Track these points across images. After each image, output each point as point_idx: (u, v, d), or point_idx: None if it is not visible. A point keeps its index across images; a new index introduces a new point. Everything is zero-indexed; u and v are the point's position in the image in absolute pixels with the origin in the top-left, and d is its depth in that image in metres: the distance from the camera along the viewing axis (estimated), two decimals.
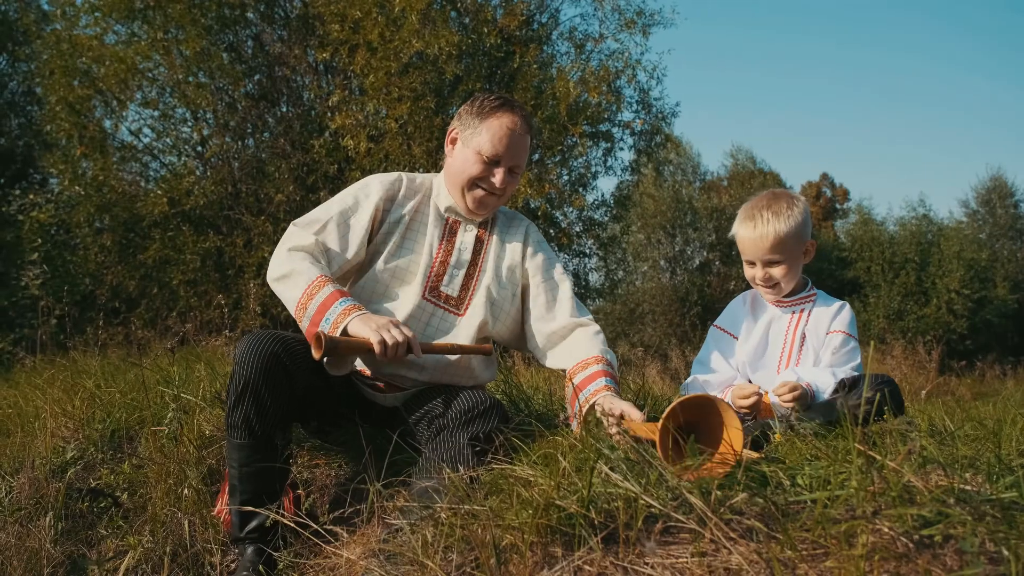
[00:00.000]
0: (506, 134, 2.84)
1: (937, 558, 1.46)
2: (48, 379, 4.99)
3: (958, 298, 23.59)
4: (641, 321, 25.62)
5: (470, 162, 2.86)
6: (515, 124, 2.86)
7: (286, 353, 2.54)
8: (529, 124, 2.93)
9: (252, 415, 2.52)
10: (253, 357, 2.48)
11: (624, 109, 15.20)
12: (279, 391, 2.54)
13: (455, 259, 2.93)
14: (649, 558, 1.61)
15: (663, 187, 27.20)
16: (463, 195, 2.91)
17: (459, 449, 2.47)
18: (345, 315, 2.53)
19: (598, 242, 16.39)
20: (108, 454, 3.53)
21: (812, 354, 2.94)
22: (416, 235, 2.92)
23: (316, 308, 2.58)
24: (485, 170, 2.85)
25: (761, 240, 2.88)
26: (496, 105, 2.88)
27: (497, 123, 2.85)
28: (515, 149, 2.88)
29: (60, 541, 3.03)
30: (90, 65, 13.10)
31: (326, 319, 2.55)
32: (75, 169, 13.17)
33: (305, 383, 2.61)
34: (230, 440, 2.59)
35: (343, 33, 12.37)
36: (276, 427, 2.60)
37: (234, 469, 2.60)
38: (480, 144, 2.84)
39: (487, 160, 2.84)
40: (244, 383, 2.49)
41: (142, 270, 13.01)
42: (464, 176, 2.87)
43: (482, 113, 2.88)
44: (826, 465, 1.86)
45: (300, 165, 13.16)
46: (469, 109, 2.93)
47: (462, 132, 2.92)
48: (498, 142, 2.83)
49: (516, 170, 2.91)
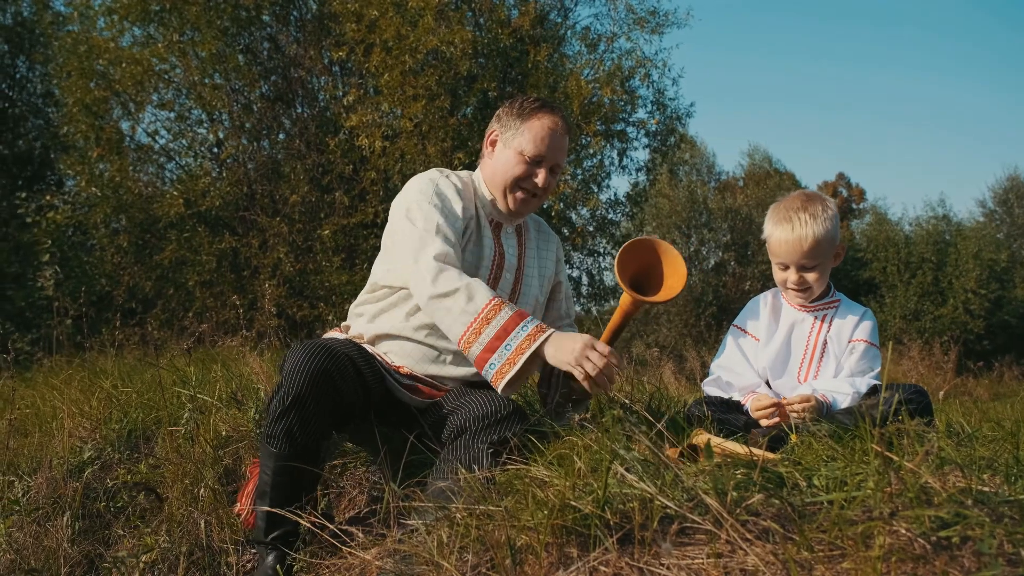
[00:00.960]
0: (548, 134, 2.90)
1: (955, 560, 1.45)
2: (65, 379, 5.02)
3: (975, 298, 23.43)
4: (656, 321, 25.55)
5: (512, 163, 2.91)
6: (556, 124, 2.92)
7: (336, 369, 2.52)
8: (568, 124, 3.00)
9: (296, 428, 2.51)
10: (304, 372, 2.46)
11: (639, 108, 15.19)
12: (325, 407, 2.53)
13: (506, 263, 2.98)
14: (665, 559, 1.60)
15: (678, 187, 27.14)
16: (505, 196, 2.96)
17: (477, 453, 2.47)
18: (531, 341, 2.50)
19: (612, 241, 16.35)
20: (125, 454, 3.55)
21: (833, 361, 2.90)
22: (478, 235, 2.95)
23: (494, 334, 2.53)
24: (528, 170, 2.91)
25: (799, 243, 2.81)
26: (537, 106, 2.94)
27: (539, 123, 2.90)
28: (556, 148, 2.93)
29: (77, 540, 3.05)
30: (107, 67, 13.16)
31: (506, 345, 2.51)
32: (92, 170, 13.23)
33: (350, 397, 2.60)
34: (266, 448, 2.56)
35: (359, 33, 12.40)
36: (318, 440, 2.59)
37: (266, 476, 2.58)
38: (522, 144, 2.89)
39: (529, 160, 2.90)
40: (294, 397, 2.47)
41: (158, 271, 13.04)
42: (508, 177, 2.92)
43: (523, 114, 2.93)
44: (843, 466, 1.86)
45: (315, 166, 13.19)
46: (509, 111, 2.98)
47: (503, 134, 2.97)
48: (540, 142, 2.89)
49: (556, 169, 2.97)
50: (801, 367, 2.93)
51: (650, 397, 3.48)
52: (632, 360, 8.69)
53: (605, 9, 16.83)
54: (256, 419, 3.44)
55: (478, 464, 2.41)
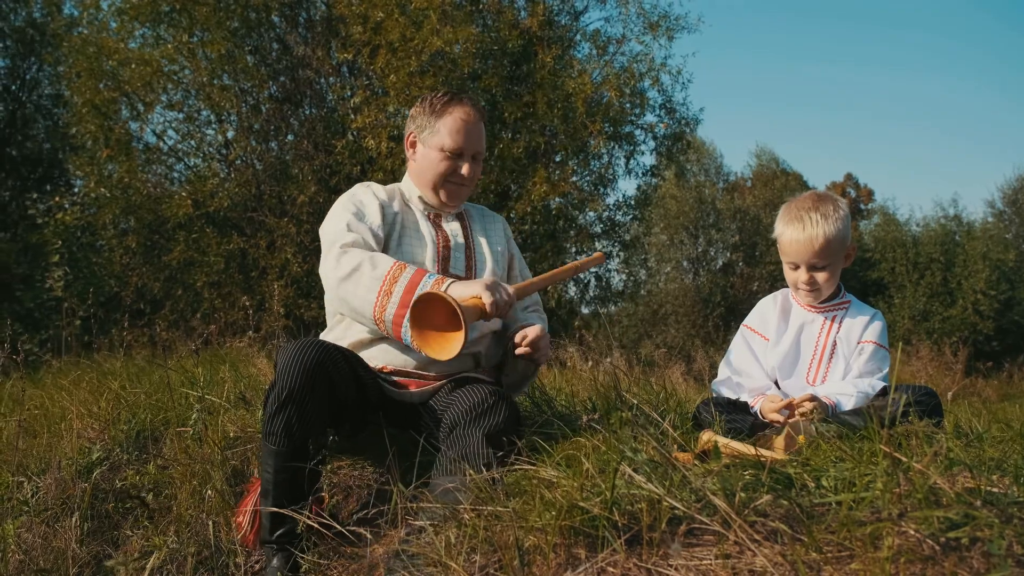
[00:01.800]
0: (462, 126, 2.98)
1: (964, 561, 1.44)
2: (74, 380, 5.03)
3: (984, 299, 23.38)
4: (664, 322, 25.55)
5: (435, 160, 3.00)
6: (469, 115, 3.00)
7: (330, 361, 2.55)
8: (480, 111, 3.07)
9: (294, 423, 2.52)
10: (298, 366, 2.48)
11: (647, 112, 15.18)
12: (321, 400, 2.54)
13: (453, 243, 3.05)
14: (673, 560, 1.60)
15: (686, 188, 27.12)
16: (436, 192, 3.05)
17: (473, 442, 2.49)
18: (438, 285, 2.60)
19: (620, 243, 16.34)
20: (133, 455, 3.55)
21: (843, 362, 2.90)
22: (412, 229, 3.02)
23: (404, 288, 2.63)
24: (451, 165, 2.99)
25: (810, 243, 2.81)
26: (447, 100, 3.02)
27: (451, 117, 2.98)
28: (473, 138, 3.02)
29: (86, 541, 3.06)
30: (116, 68, 13.19)
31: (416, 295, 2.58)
32: (101, 171, 13.26)
33: (345, 391, 2.62)
34: (266, 446, 2.58)
35: (365, 34, 12.42)
36: (317, 435, 2.61)
37: (268, 474, 2.59)
38: (441, 141, 2.98)
39: (451, 154, 2.98)
40: (288, 392, 2.48)
41: (166, 272, 13.08)
42: (433, 174, 3.01)
43: (435, 111, 3.00)
44: (851, 467, 1.85)
45: (323, 167, 13.20)
46: (421, 110, 3.06)
47: (420, 134, 3.05)
48: (457, 135, 2.97)
49: (478, 157, 3.06)
50: (810, 368, 2.93)
51: (658, 398, 3.48)
52: (640, 361, 8.68)
53: (616, 12, 16.82)
54: (263, 420, 3.45)
55: (475, 454, 2.44)
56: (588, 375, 4.91)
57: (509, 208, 12.73)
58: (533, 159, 13.11)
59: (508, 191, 13.35)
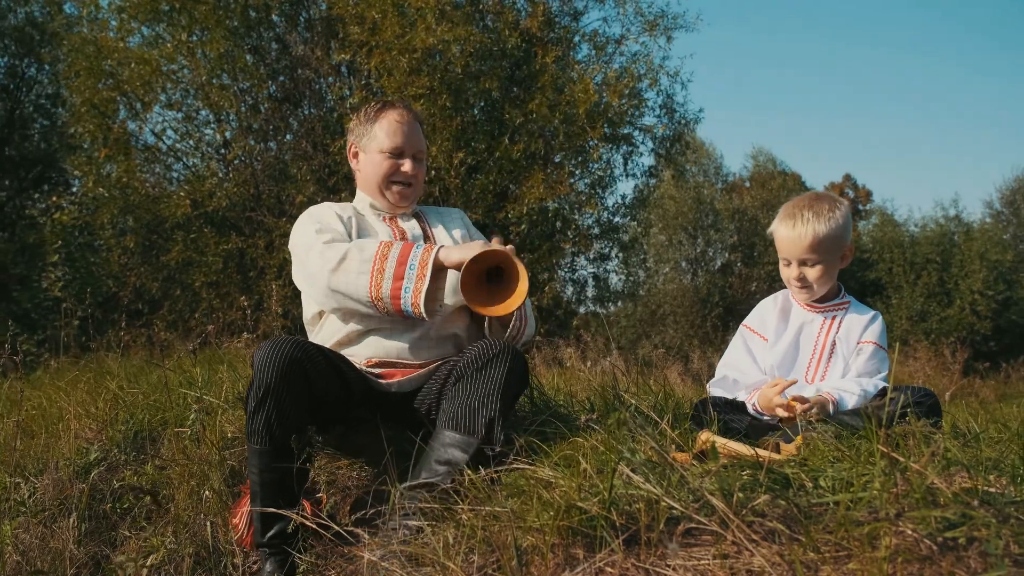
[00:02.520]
0: (397, 127, 3.08)
1: (961, 560, 1.45)
2: (71, 380, 5.03)
3: (981, 299, 23.38)
4: (663, 322, 25.54)
5: (377, 163, 3.09)
6: (402, 116, 3.11)
7: (305, 357, 2.56)
8: (414, 113, 3.18)
9: (273, 421, 2.53)
10: (272, 363, 2.49)
11: (646, 113, 15.17)
12: (299, 396, 2.55)
13: (410, 236, 3.11)
14: (671, 560, 1.60)
15: (685, 188, 27.11)
16: (383, 194, 3.14)
17: (481, 393, 2.57)
18: (428, 252, 2.70)
19: (619, 244, 16.33)
20: (131, 455, 3.55)
21: (842, 362, 2.91)
22: (368, 231, 3.10)
23: (396, 260, 2.71)
24: (392, 164, 3.09)
25: (799, 239, 2.84)
26: (379, 107, 3.15)
27: (386, 120, 3.09)
28: (411, 137, 3.11)
29: (84, 542, 3.05)
30: (115, 67, 13.18)
31: (410, 265, 2.69)
32: (99, 171, 13.25)
33: (324, 386, 2.64)
34: (250, 447, 2.59)
35: (362, 34, 12.41)
36: (296, 432, 2.61)
37: (255, 475, 2.60)
38: (380, 144, 3.08)
39: (390, 154, 3.07)
40: (265, 389, 2.50)
41: (165, 272, 13.08)
42: (378, 176, 3.10)
43: (369, 118, 3.12)
44: (849, 467, 1.85)
45: (322, 166, 13.20)
46: (357, 120, 3.18)
47: (359, 142, 3.16)
48: (394, 135, 3.07)
49: (420, 156, 3.15)
50: (809, 367, 2.93)
51: (656, 398, 3.48)
52: (638, 361, 8.69)
53: (614, 12, 16.80)
54: None
55: (482, 403, 2.55)
56: (586, 375, 4.91)
57: (506, 209, 12.73)
58: (532, 161, 13.10)
59: (507, 192, 13.34)
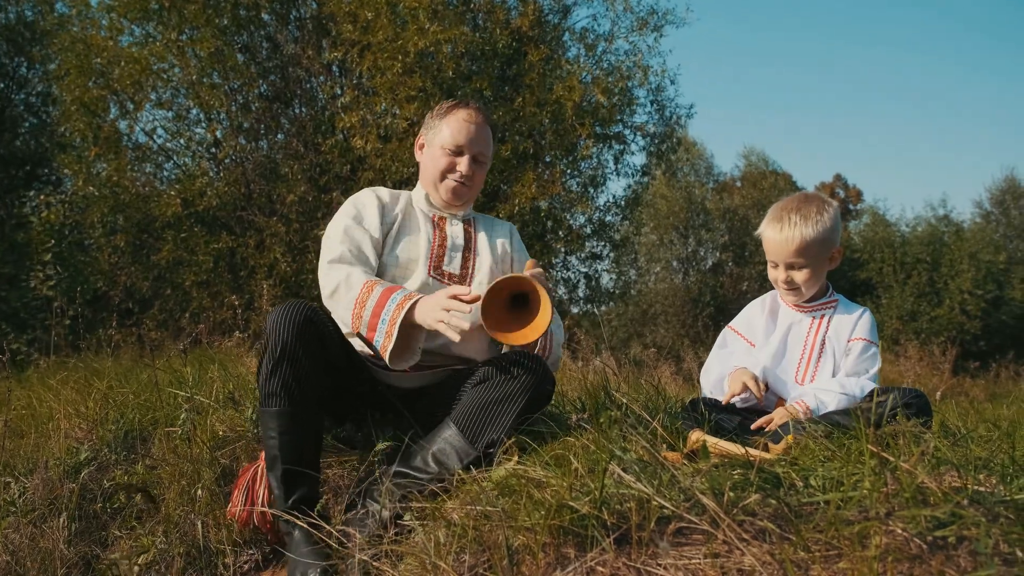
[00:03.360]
0: (464, 126, 3.11)
1: (951, 559, 1.45)
2: (61, 380, 5.01)
3: (971, 299, 23.47)
4: (654, 322, 25.59)
5: (437, 157, 3.13)
6: (471, 116, 3.13)
7: (318, 320, 2.61)
8: (486, 116, 3.20)
9: (291, 380, 2.55)
10: (288, 322, 2.52)
11: (637, 111, 15.17)
12: (315, 356, 2.58)
13: (451, 244, 3.14)
14: (662, 559, 1.60)
15: (676, 188, 27.15)
16: (437, 189, 3.15)
17: (512, 393, 2.64)
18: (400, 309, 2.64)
19: (611, 244, 16.34)
20: (122, 455, 3.54)
21: (831, 361, 2.92)
22: (411, 228, 3.13)
23: (371, 312, 2.70)
24: (451, 161, 3.11)
25: (786, 243, 2.84)
26: (452, 104, 3.19)
27: (455, 118, 3.13)
28: (475, 138, 3.13)
29: (74, 542, 3.05)
30: (105, 66, 13.13)
31: (382, 319, 2.66)
32: (89, 170, 13.21)
33: (336, 352, 2.68)
34: (267, 410, 2.58)
35: (355, 33, 12.40)
36: (314, 393, 2.63)
37: (273, 439, 2.59)
38: (443, 140, 3.12)
39: (451, 151, 3.10)
40: (282, 348, 2.51)
41: (155, 271, 13.04)
42: (435, 171, 3.13)
43: (441, 114, 3.17)
44: (839, 466, 1.86)
45: (313, 166, 13.17)
46: (431, 116, 3.22)
47: (427, 135, 3.21)
48: (458, 133, 3.10)
49: (481, 159, 3.17)
50: (799, 367, 2.94)
51: (647, 397, 3.49)
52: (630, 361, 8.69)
53: (603, 8, 16.81)
54: (253, 419, 3.44)
55: (506, 410, 2.62)
56: (578, 374, 4.92)
57: (498, 209, 12.73)
58: (522, 160, 13.10)
59: (498, 192, 13.34)
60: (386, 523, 2.44)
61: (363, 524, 2.53)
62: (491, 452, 2.55)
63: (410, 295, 2.67)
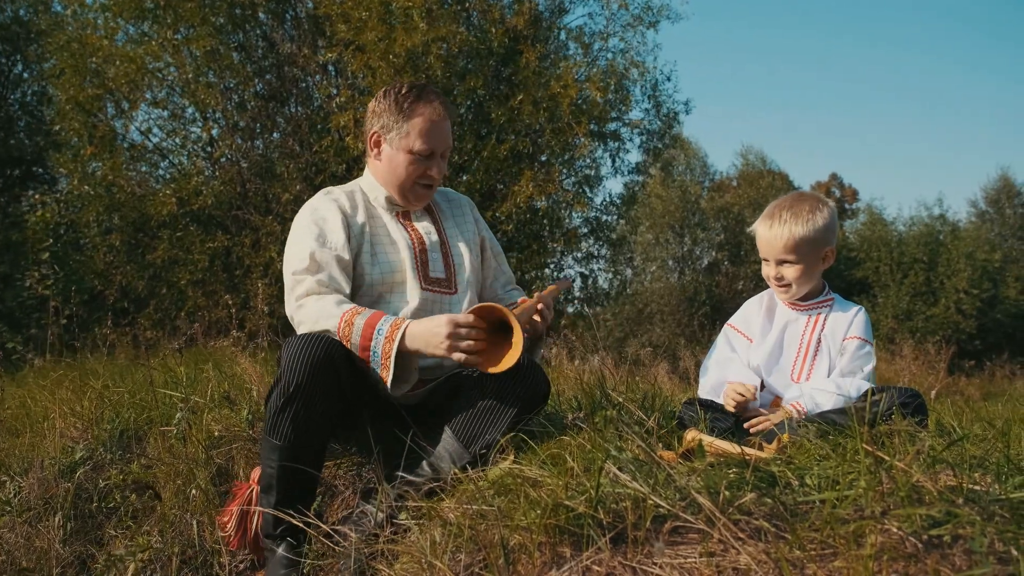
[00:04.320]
0: (432, 127, 2.83)
1: (946, 558, 1.45)
2: (56, 379, 5.00)
3: (967, 298, 23.50)
4: (650, 321, 25.59)
5: (404, 163, 2.86)
6: (438, 113, 2.85)
7: (338, 354, 2.50)
8: (448, 107, 2.91)
9: (302, 419, 2.47)
10: (303, 360, 2.43)
11: (633, 107, 15.18)
12: (329, 394, 2.49)
13: (428, 243, 2.94)
14: (658, 558, 1.60)
15: (672, 187, 27.16)
16: (404, 194, 2.92)
17: (510, 399, 2.61)
18: (391, 342, 2.54)
19: (608, 243, 16.35)
20: (117, 454, 3.54)
21: (827, 359, 2.92)
22: (383, 236, 2.91)
23: (358, 346, 2.57)
24: (421, 167, 2.86)
25: (775, 240, 2.85)
26: (414, 99, 2.85)
27: (421, 118, 2.82)
28: (444, 136, 2.88)
29: (69, 541, 3.05)
30: (100, 65, 13.11)
31: (372, 352, 2.56)
32: (84, 169, 13.18)
33: (351, 386, 2.57)
34: (270, 441, 2.52)
35: (349, 33, 12.39)
36: (324, 430, 2.58)
37: (271, 469, 2.55)
38: (411, 144, 2.83)
39: (424, 157, 2.85)
40: (295, 387, 2.42)
41: (150, 270, 13.02)
42: (403, 177, 2.88)
43: (402, 110, 2.84)
44: (835, 465, 1.86)
45: (308, 165, 13.17)
46: (386, 107, 2.87)
47: (385, 134, 2.89)
48: (429, 137, 2.83)
49: (446, 154, 2.93)
50: (795, 366, 2.94)
51: (643, 396, 3.49)
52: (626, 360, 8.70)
53: (599, 7, 16.81)
54: (249, 419, 3.43)
55: (508, 406, 2.60)
56: (574, 374, 4.92)
57: (495, 208, 12.72)
58: (519, 160, 13.10)
59: (494, 191, 13.34)
60: (382, 523, 2.44)
61: (359, 524, 2.53)
62: (485, 453, 2.54)
63: (396, 323, 2.57)
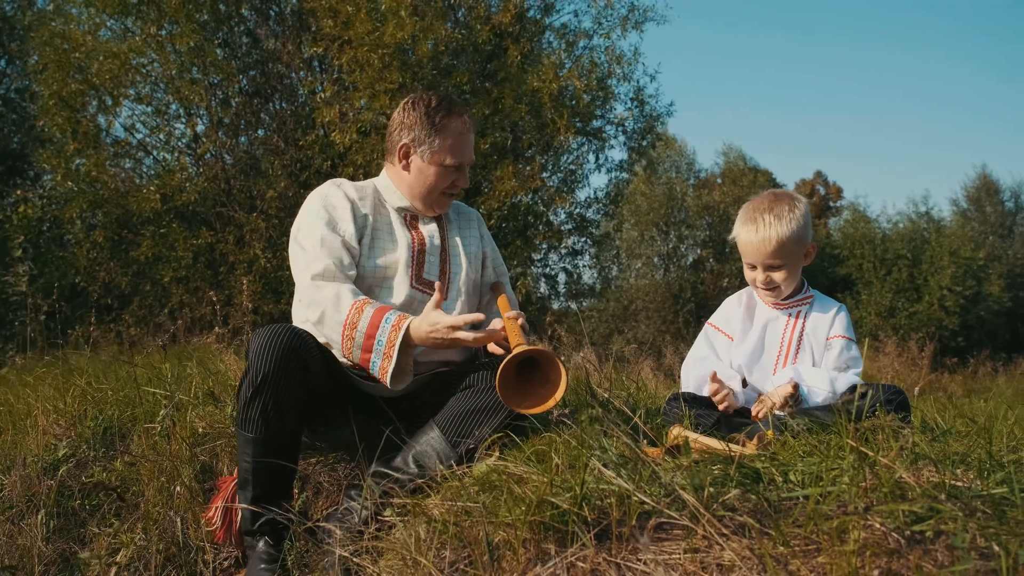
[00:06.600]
0: (461, 140, 2.93)
1: (928, 553, 1.46)
2: (39, 377, 4.97)
3: (950, 295, 23.61)
4: (635, 318, 25.61)
5: (434, 175, 2.93)
6: (466, 126, 2.95)
7: (303, 346, 2.54)
8: (473, 118, 3.02)
9: (271, 409, 2.50)
10: (270, 350, 2.47)
11: (616, 105, 15.20)
12: (296, 384, 2.53)
13: (428, 246, 2.99)
14: (642, 554, 1.61)
15: (656, 184, 27.18)
16: (429, 203, 3.00)
17: (483, 413, 2.61)
18: (396, 331, 2.58)
19: (591, 239, 16.37)
20: (100, 452, 3.52)
21: (810, 357, 2.92)
22: (385, 232, 2.96)
23: (364, 334, 2.61)
24: (450, 178, 2.95)
25: (763, 244, 2.83)
26: (444, 113, 2.92)
27: (451, 131, 2.90)
28: (471, 149, 2.99)
29: (52, 539, 3.03)
30: (84, 60, 13.03)
31: (377, 340, 2.59)
32: (68, 165, 13.11)
33: (318, 376, 2.62)
34: (243, 435, 2.56)
35: (335, 28, 12.36)
36: (293, 421, 2.60)
37: (247, 464, 2.58)
38: (443, 157, 2.90)
39: (454, 169, 2.93)
40: (263, 377, 2.47)
41: (134, 267, 12.96)
42: (432, 188, 2.97)
43: (434, 126, 2.90)
44: (819, 461, 1.87)
45: (293, 161, 13.13)
46: (416, 120, 2.92)
47: (416, 147, 2.93)
48: (460, 150, 2.93)
49: (470, 162, 3.01)
50: (776, 364, 2.95)
51: (628, 393, 3.49)
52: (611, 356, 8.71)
53: (584, 5, 16.83)
54: (233, 416, 3.42)
55: (490, 415, 2.61)
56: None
57: (478, 204, 12.73)
58: (501, 155, 13.10)
59: (479, 187, 13.34)
60: (366, 520, 2.44)
61: (344, 520, 2.53)
62: (473, 455, 2.55)
63: (402, 316, 2.61)
